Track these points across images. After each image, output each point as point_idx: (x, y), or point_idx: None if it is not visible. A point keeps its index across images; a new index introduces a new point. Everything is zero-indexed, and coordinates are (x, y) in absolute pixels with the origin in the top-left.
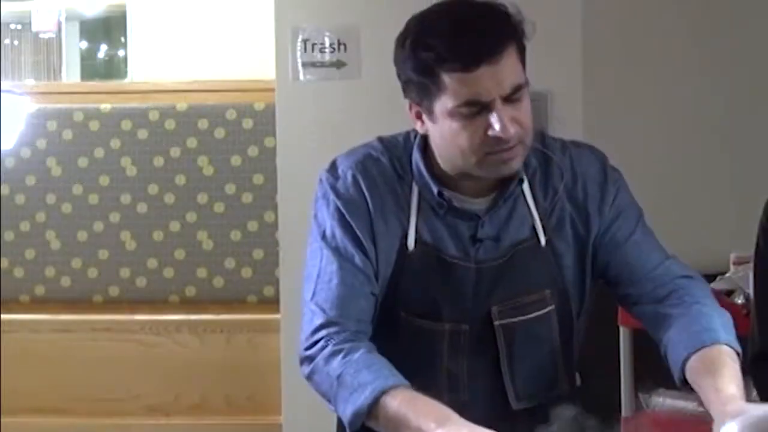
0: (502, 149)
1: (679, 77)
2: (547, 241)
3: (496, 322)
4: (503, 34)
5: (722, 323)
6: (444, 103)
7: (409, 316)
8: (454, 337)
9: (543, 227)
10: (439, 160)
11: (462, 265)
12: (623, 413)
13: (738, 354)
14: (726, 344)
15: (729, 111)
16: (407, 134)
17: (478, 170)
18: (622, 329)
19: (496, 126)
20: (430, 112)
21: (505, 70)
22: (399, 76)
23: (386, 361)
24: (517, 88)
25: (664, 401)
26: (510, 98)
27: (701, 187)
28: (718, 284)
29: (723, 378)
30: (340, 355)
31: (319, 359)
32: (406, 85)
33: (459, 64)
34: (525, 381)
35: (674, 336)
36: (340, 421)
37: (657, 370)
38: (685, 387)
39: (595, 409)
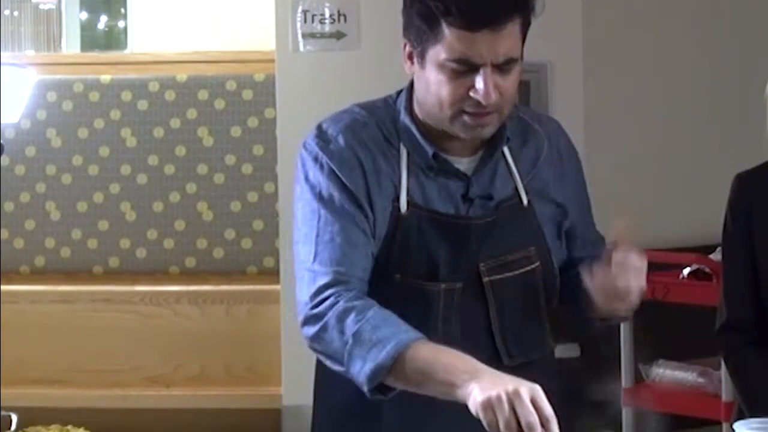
0: (478, 112)
1: (677, 48)
2: (529, 202)
3: (485, 279)
4: (514, 5)
5: None
6: (437, 53)
7: (405, 277)
8: (449, 297)
9: (524, 188)
10: (417, 109)
11: (456, 223)
12: (623, 384)
13: None
14: None
15: (729, 82)
16: (385, 99)
17: (450, 125)
18: None
19: (480, 89)
20: (422, 57)
21: (504, 41)
22: (403, 12)
23: (398, 317)
24: (510, 61)
25: (663, 372)
26: (500, 67)
27: (701, 157)
28: (719, 255)
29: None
30: (353, 313)
31: (330, 317)
32: (407, 25)
33: (462, 21)
34: (515, 338)
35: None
36: (318, 376)
37: (657, 342)
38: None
39: (596, 379)
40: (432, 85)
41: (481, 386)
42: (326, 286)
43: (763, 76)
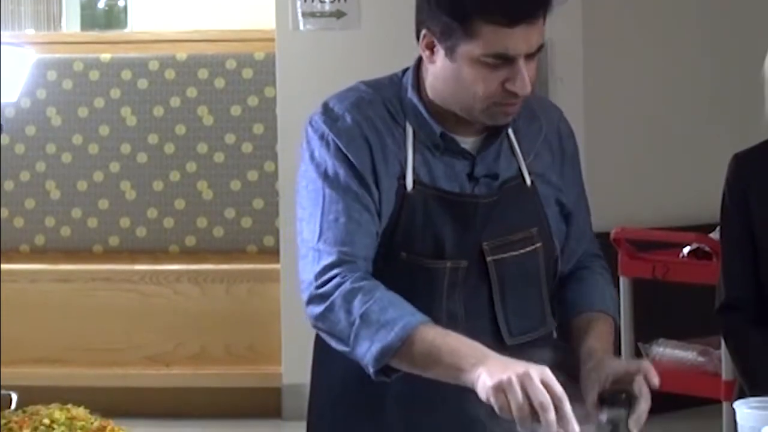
0: (509, 102)
1: (677, 28)
2: (531, 182)
3: (489, 258)
4: None
5: (611, 297)
6: (470, 49)
7: (411, 256)
8: (453, 275)
9: (527, 169)
10: (432, 94)
11: (462, 202)
12: None
13: (616, 323)
14: (609, 314)
15: (728, 61)
16: (390, 77)
17: (477, 116)
18: (621, 279)
19: (518, 82)
20: (451, 52)
21: (537, 31)
22: (422, 5)
23: (404, 299)
24: (540, 47)
25: (663, 351)
26: (531, 56)
27: (700, 136)
28: (719, 234)
29: (591, 336)
30: (360, 293)
31: (337, 297)
32: (430, 19)
33: (501, 18)
34: (517, 317)
35: (569, 295)
36: (317, 358)
37: (657, 320)
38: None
39: None
40: (466, 80)
41: (490, 371)
42: (331, 266)
43: (761, 54)
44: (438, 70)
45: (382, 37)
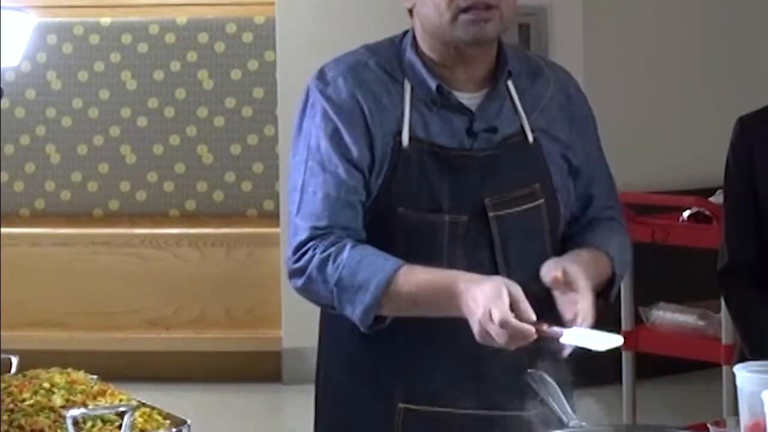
0: (474, 5)
1: None
2: (534, 139)
3: (491, 214)
4: None
5: (619, 243)
6: None
7: (408, 210)
8: (453, 230)
9: (530, 126)
10: (420, 40)
11: (457, 155)
12: (623, 326)
13: (613, 269)
14: (609, 256)
15: (727, 25)
16: (391, 39)
17: (452, 31)
18: None
19: None
20: None
21: None
22: None
23: (372, 248)
24: None
25: (663, 315)
26: None
27: (700, 101)
28: (719, 198)
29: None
30: (330, 261)
31: (311, 270)
32: None
33: None
34: (519, 274)
35: (575, 239)
36: (324, 314)
37: (657, 284)
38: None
39: (595, 322)
40: None
41: (469, 308)
42: (305, 242)
43: (756, 20)
44: (416, 9)
45: (382, 1)
